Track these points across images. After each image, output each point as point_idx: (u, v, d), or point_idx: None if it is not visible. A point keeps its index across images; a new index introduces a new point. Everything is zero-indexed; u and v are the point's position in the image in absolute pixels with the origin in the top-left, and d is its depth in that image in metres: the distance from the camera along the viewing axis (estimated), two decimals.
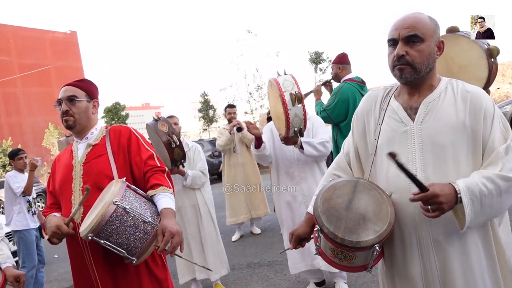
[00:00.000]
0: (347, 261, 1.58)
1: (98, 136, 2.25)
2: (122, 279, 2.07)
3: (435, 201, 1.39)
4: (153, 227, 1.92)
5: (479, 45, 2.34)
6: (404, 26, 1.55)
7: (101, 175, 2.12)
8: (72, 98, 2.19)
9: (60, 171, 2.28)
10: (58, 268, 6.65)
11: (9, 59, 43.77)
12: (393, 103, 1.68)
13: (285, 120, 3.00)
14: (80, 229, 1.92)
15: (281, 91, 2.97)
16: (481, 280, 1.52)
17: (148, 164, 2.14)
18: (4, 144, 32.12)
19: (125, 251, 1.87)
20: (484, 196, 1.40)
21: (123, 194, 1.90)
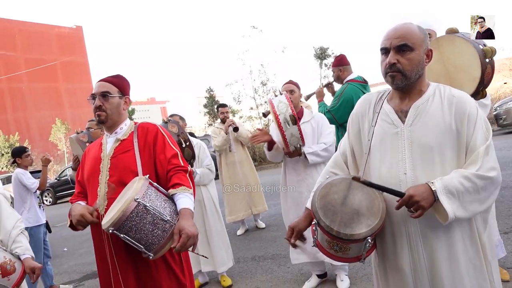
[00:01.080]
0: (342, 253, 1.71)
1: (127, 131, 2.34)
2: (143, 270, 2.16)
3: (412, 201, 1.54)
4: (171, 226, 1.99)
5: (473, 45, 2.42)
6: (395, 36, 1.68)
7: (127, 170, 2.20)
8: (106, 94, 2.27)
9: (89, 163, 2.38)
10: (67, 261, 6.84)
11: (15, 54, 44.04)
12: (386, 107, 1.81)
13: (283, 140, 3.21)
14: (103, 222, 2.02)
15: (275, 114, 3.17)
16: (466, 270, 1.65)
17: (171, 162, 2.21)
18: (11, 139, 32.44)
19: (143, 246, 1.96)
20: (461, 193, 1.54)
21: (144, 192, 1.97)
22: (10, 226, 2.76)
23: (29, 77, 43.43)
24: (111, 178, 2.21)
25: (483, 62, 2.37)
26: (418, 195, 1.54)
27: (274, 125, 3.82)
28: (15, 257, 2.67)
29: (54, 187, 19.17)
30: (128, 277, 2.17)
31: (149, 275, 2.17)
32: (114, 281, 2.20)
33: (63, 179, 19.22)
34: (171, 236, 1.97)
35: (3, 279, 2.56)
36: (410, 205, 1.56)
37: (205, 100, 28.57)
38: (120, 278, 2.17)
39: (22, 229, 2.82)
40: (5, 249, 2.68)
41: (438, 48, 2.56)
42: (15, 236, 2.74)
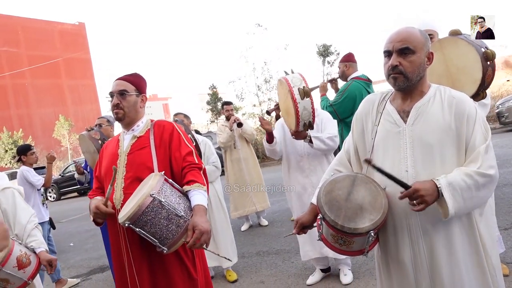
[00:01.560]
0: (346, 246, 1.81)
1: (143, 128, 2.41)
2: (156, 264, 2.23)
3: (417, 195, 1.62)
4: (185, 221, 2.04)
5: (475, 48, 2.47)
6: (398, 39, 1.77)
7: (143, 166, 2.27)
8: (123, 92, 2.34)
9: (106, 159, 2.45)
10: (74, 256, 6.95)
11: (18, 51, 44.12)
12: (388, 107, 1.90)
13: (295, 114, 3.19)
14: (119, 216, 2.09)
15: (290, 86, 3.18)
16: (464, 262, 1.74)
17: (186, 160, 2.26)
18: (15, 136, 32.58)
19: (158, 241, 2.02)
20: (463, 190, 1.62)
21: (160, 188, 2.03)
22: (25, 221, 2.86)
23: (32, 73, 43.56)
24: (127, 174, 2.28)
25: (485, 65, 2.42)
26: (424, 189, 1.62)
27: (279, 125, 3.91)
28: (30, 251, 2.77)
29: (58, 183, 19.31)
30: (142, 270, 2.24)
31: (162, 269, 2.24)
32: (129, 273, 2.27)
33: (67, 175, 19.36)
34: (185, 232, 2.03)
35: (19, 272, 2.66)
36: (414, 198, 1.64)
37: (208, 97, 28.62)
38: (134, 271, 2.24)
39: (36, 223, 2.92)
40: (21, 243, 2.77)
41: (441, 50, 2.63)
42: (30, 230, 2.84)
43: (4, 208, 2.87)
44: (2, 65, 41.45)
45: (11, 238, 2.73)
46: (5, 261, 2.59)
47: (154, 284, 2.25)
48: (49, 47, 46.89)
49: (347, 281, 3.75)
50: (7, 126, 33.99)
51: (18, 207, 2.90)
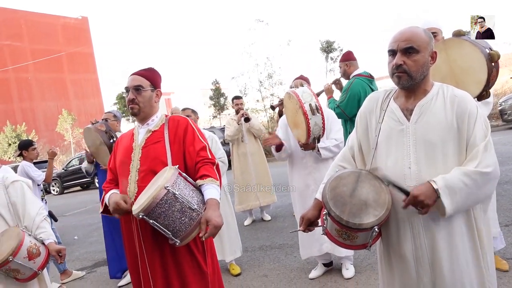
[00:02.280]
0: (349, 240, 1.86)
1: (158, 123, 2.46)
2: (168, 256, 2.28)
3: (417, 201, 1.68)
4: (198, 215, 2.08)
5: (480, 49, 2.50)
6: (402, 39, 1.81)
7: (157, 160, 2.31)
8: (138, 88, 2.38)
9: (120, 152, 2.50)
10: (79, 248, 7.03)
11: (21, 45, 44.14)
12: (392, 105, 1.94)
13: (306, 129, 3.29)
14: (133, 207, 2.13)
15: (301, 102, 3.26)
16: (464, 257, 1.79)
17: (200, 155, 2.31)
18: (18, 129, 32.70)
19: (170, 233, 2.06)
20: (462, 190, 1.67)
21: (174, 181, 2.07)
22: (34, 213, 2.92)
23: (35, 67, 43.59)
24: (141, 167, 2.33)
25: (490, 66, 2.45)
26: (422, 194, 1.67)
27: (282, 123, 3.96)
28: (39, 242, 2.83)
29: (61, 177, 19.42)
30: (154, 261, 2.29)
31: (173, 261, 2.29)
32: (141, 264, 2.33)
33: (70, 169, 19.48)
34: (198, 225, 2.07)
35: (30, 262, 2.73)
36: (415, 204, 1.70)
37: (210, 92, 28.67)
38: (146, 262, 2.30)
39: (45, 215, 2.98)
40: (30, 234, 2.84)
41: (445, 50, 2.66)
42: (39, 222, 2.90)
43: (13, 200, 2.93)
44: (5, 59, 41.50)
45: (21, 230, 2.80)
46: (16, 252, 2.66)
47: (166, 275, 2.30)
48: (52, 41, 46.89)
49: (349, 275, 3.80)
50: (11, 120, 34.10)
51: (27, 200, 2.96)
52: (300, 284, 3.88)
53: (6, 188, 2.94)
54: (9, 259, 2.63)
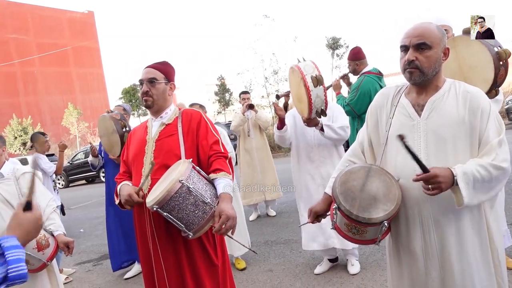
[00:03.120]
0: (359, 235, 1.86)
1: (171, 116, 2.47)
2: (180, 248, 2.31)
3: (435, 180, 1.65)
4: (211, 208, 2.10)
5: (488, 48, 2.48)
6: (415, 34, 1.80)
7: (170, 153, 2.33)
8: (153, 80, 2.40)
9: (134, 144, 2.52)
10: (85, 241, 7.07)
11: (27, 38, 44.24)
12: (403, 100, 1.94)
13: (308, 101, 3.22)
14: (147, 200, 2.15)
15: (302, 74, 3.19)
16: (473, 253, 1.79)
17: (213, 148, 2.32)
18: (24, 123, 32.84)
19: (184, 226, 2.08)
20: (477, 181, 1.67)
21: (188, 174, 2.08)
22: (44, 204, 2.94)
23: (41, 61, 43.73)
24: (155, 159, 2.34)
25: (497, 65, 2.44)
26: (442, 176, 1.65)
27: (289, 114, 3.95)
28: (48, 233, 2.86)
29: (67, 170, 19.51)
30: (167, 253, 2.32)
31: (186, 253, 2.31)
32: (154, 257, 2.35)
33: (76, 163, 19.57)
34: (210, 218, 2.09)
35: (39, 253, 2.75)
36: (430, 182, 1.67)
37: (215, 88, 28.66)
38: (160, 253, 2.32)
39: (55, 207, 3.01)
40: None
41: (454, 47, 2.65)
42: (49, 214, 2.93)
43: (24, 191, 2.95)
44: (11, 53, 41.64)
45: None
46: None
47: (178, 267, 2.32)
48: (58, 35, 46.98)
49: (354, 271, 3.81)
50: (17, 113, 34.24)
51: (37, 191, 2.98)
52: (305, 279, 3.89)
53: (17, 180, 2.97)
54: None
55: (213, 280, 2.37)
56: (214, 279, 2.37)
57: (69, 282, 4.97)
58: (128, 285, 4.54)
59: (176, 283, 2.33)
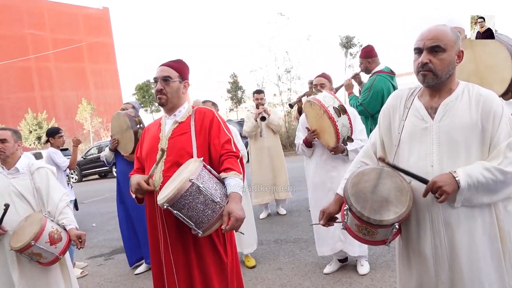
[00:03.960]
0: (369, 236, 1.87)
1: (185, 114, 2.49)
2: (190, 245, 2.33)
3: (436, 187, 1.68)
4: (221, 207, 2.12)
5: (506, 46, 2.46)
6: (429, 37, 1.80)
7: (183, 151, 2.36)
8: (167, 79, 2.41)
9: (147, 141, 2.55)
10: (97, 235, 7.17)
11: (43, 34, 44.77)
12: (416, 103, 1.93)
13: (334, 132, 3.31)
14: (158, 197, 2.18)
15: (324, 107, 3.28)
16: (483, 258, 1.78)
17: (224, 147, 2.33)
18: (39, 117, 33.29)
19: (193, 224, 2.11)
20: (480, 183, 1.68)
21: (199, 173, 2.11)
22: (58, 199, 3.00)
23: (56, 56, 44.21)
24: (167, 157, 2.37)
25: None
26: (442, 180, 1.68)
27: (303, 122, 3.95)
28: (61, 227, 2.91)
29: (80, 165, 19.75)
30: (177, 249, 2.35)
31: (195, 250, 2.34)
32: (164, 253, 2.38)
33: (89, 157, 19.80)
34: (220, 217, 2.11)
35: (51, 247, 2.80)
36: (434, 191, 1.70)
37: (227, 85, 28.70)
38: (170, 250, 2.35)
39: (68, 202, 3.07)
40: (52, 220, 2.92)
41: (471, 47, 2.63)
42: (62, 208, 2.99)
43: (38, 186, 3.01)
44: (27, 48, 42.19)
45: (43, 215, 2.88)
46: (38, 237, 2.74)
47: (188, 264, 2.35)
48: (73, 31, 47.44)
49: (364, 271, 3.81)
50: (32, 108, 34.72)
51: (51, 186, 3.04)
52: (315, 278, 3.90)
53: (31, 174, 3.03)
54: (31, 243, 2.71)
55: (221, 278, 2.39)
56: (222, 277, 2.39)
57: (84, 276, 5.03)
58: (139, 280, 4.59)
59: (184, 279, 2.35)
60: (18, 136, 3.13)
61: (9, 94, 40.21)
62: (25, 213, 2.93)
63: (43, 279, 2.97)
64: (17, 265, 2.92)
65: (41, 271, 2.95)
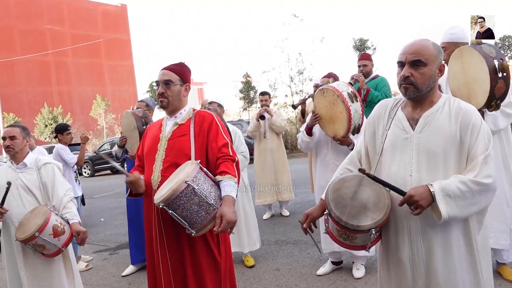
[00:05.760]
0: (349, 241, 1.94)
1: (185, 117, 2.57)
2: (184, 243, 2.41)
3: (412, 200, 1.75)
4: (214, 209, 2.19)
5: (486, 59, 2.51)
6: (410, 51, 1.87)
7: (181, 153, 2.44)
8: (168, 82, 2.49)
9: (148, 140, 2.65)
10: (104, 230, 7.34)
11: (62, 29, 45.46)
12: (399, 113, 2.01)
13: (347, 117, 3.37)
14: (155, 197, 2.27)
15: (339, 91, 3.36)
16: (459, 264, 1.85)
17: (222, 151, 2.40)
18: (55, 111, 33.80)
19: (187, 224, 2.19)
20: (457, 196, 1.74)
21: (195, 176, 2.19)
22: (62, 194, 3.14)
23: (73, 52, 44.84)
24: (166, 157, 2.47)
25: (493, 77, 2.46)
26: (417, 195, 1.74)
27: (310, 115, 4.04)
28: (64, 221, 3.05)
29: (93, 160, 20.05)
30: (171, 247, 2.44)
31: (189, 249, 2.42)
32: (160, 248, 2.46)
33: (102, 153, 20.06)
34: (213, 219, 2.19)
35: (54, 239, 2.94)
36: (410, 203, 1.78)
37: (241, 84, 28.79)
38: (165, 246, 2.44)
39: (72, 197, 3.20)
40: (57, 213, 3.06)
41: (461, 58, 2.69)
42: (66, 203, 3.12)
43: (44, 181, 3.16)
44: (46, 43, 42.89)
45: (48, 209, 3.02)
46: (42, 229, 2.87)
47: (181, 262, 2.43)
48: (92, 27, 48.05)
49: (359, 275, 3.87)
50: (48, 102, 35.28)
51: (56, 181, 3.18)
52: (310, 280, 3.98)
53: (38, 169, 3.17)
54: (35, 235, 2.85)
55: (214, 276, 2.46)
56: (215, 275, 2.47)
57: (88, 269, 5.18)
58: (141, 275, 4.71)
59: (178, 277, 2.44)
60: (26, 133, 3.28)
61: (28, 88, 40.91)
62: (31, 206, 3.08)
63: (46, 270, 3.11)
64: (22, 255, 3.07)
65: (44, 262, 3.09)
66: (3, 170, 3.23)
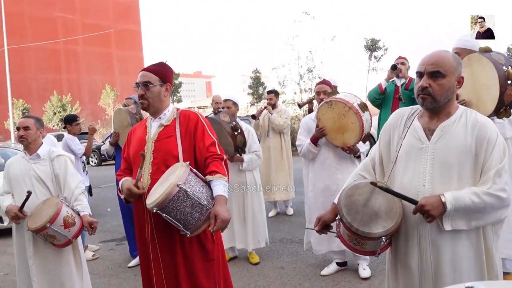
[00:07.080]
0: (359, 246, 1.97)
1: (170, 117, 2.55)
2: (177, 243, 2.42)
3: (424, 210, 1.77)
4: (207, 210, 2.22)
5: (496, 67, 2.53)
6: (430, 62, 1.88)
7: (169, 155, 2.43)
8: (147, 84, 2.45)
9: (134, 142, 2.62)
10: (110, 220, 7.40)
11: (73, 18, 45.66)
12: (415, 123, 2.01)
13: (359, 127, 3.46)
14: (147, 201, 2.27)
15: (349, 103, 3.43)
16: (468, 274, 1.86)
17: (209, 150, 2.41)
18: (64, 100, 34.00)
19: (182, 226, 2.21)
20: (468, 207, 1.76)
21: (186, 178, 2.20)
22: (74, 186, 3.18)
23: (84, 40, 45.02)
24: (154, 160, 2.46)
25: (503, 84, 2.49)
26: (429, 204, 1.77)
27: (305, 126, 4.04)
28: (75, 213, 3.09)
29: (100, 149, 20.18)
30: (165, 248, 2.45)
31: (182, 249, 2.43)
32: (152, 248, 2.48)
33: None
34: (207, 219, 2.22)
35: (65, 230, 2.99)
36: (422, 213, 1.80)
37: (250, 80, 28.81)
38: (157, 247, 2.45)
39: (83, 189, 3.24)
40: (68, 205, 3.10)
41: (469, 65, 2.71)
42: (77, 195, 3.16)
43: (57, 172, 3.20)
44: (57, 31, 43.11)
45: (60, 200, 3.06)
46: (54, 220, 2.92)
47: (174, 262, 2.44)
48: (102, 16, 48.23)
49: (365, 275, 3.90)
50: (57, 90, 35.47)
51: (68, 173, 3.22)
52: (314, 280, 4.01)
53: (51, 161, 3.22)
54: (47, 225, 2.89)
55: (208, 275, 2.48)
56: (209, 274, 2.49)
57: (95, 259, 5.24)
58: None
59: (171, 277, 2.45)
60: (40, 124, 3.32)
61: (38, 75, 41.19)
62: (43, 196, 3.12)
63: (56, 260, 3.16)
64: (33, 244, 3.12)
65: (54, 252, 3.14)
66: (17, 161, 3.27)
